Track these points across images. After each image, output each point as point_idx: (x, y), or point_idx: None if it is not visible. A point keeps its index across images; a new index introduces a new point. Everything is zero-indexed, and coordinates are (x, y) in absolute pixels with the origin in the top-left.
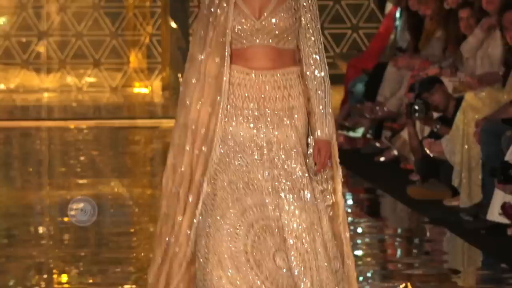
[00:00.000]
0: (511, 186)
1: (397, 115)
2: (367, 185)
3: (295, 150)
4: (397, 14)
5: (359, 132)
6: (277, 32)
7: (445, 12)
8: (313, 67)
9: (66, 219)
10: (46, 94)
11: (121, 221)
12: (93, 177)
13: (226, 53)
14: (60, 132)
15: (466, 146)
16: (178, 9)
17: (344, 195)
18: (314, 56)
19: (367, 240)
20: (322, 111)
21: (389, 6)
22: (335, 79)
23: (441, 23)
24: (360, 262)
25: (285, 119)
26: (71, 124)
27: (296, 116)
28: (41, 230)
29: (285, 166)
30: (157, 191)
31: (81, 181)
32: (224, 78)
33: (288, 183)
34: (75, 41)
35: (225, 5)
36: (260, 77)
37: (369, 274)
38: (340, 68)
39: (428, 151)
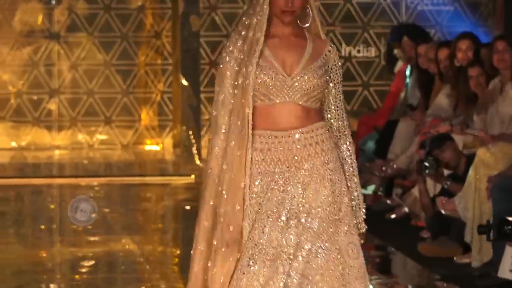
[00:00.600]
0: None
1: (408, 172)
2: (377, 242)
3: (324, 210)
4: (407, 72)
5: (370, 190)
6: (307, 90)
7: (455, 70)
8: (340, 132)
9: (77, 276)
10: (57, 152)
11: (132, 278)
12: (104, 234)
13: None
14: (71, 189)
15: (477, 202)
16: (189, 67)
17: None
18: (338, 123)
19: None
20: (355, 193)
21: (399, 64)
22: None
23: (451, 80)
24: None
25: (316, 176)
26: (82, 182)
27: (331, 170)
28: (52, 287)
29: (313, 227)
30: (168, 248)
31: (92, 238)
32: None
33: (315, 246)
34: (86, 98)
35: (252, 61)
36: (290, 137)
37: None
38: (351, 125)
39: (441, 210)
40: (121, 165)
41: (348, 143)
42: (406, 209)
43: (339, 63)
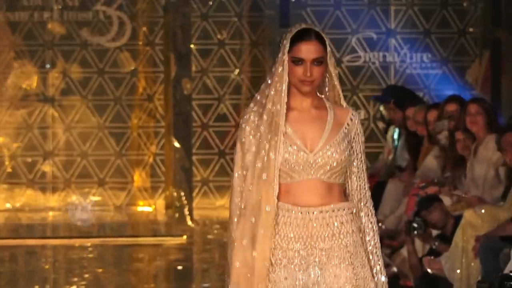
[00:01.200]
0: None
1: (396, 233)
2: None
3: None
4: (395, 135)
5: None
6: (330, 166)
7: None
8: (362, 204)
9: None
10: (51, 213)
11: None
12: None
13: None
14: (65, 250)
15: (465, 263)
16: (181, 129)
17: None
18: (359, 196)
19: None
20: (377, 267)
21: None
22: None
23: (438, 143)
24: None
25: (335, 259)
26: (76, 242)
27: (351, 253)
28: None
29: None
30: None
31: None
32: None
33: None
34: (80, 160)
35: (276, 138)
36: (308, 214)
37: None
38: None
39: (427, 269)
40: (114, 226)
41: (369, 215)
42: (395, 269)
43: (362, 131)
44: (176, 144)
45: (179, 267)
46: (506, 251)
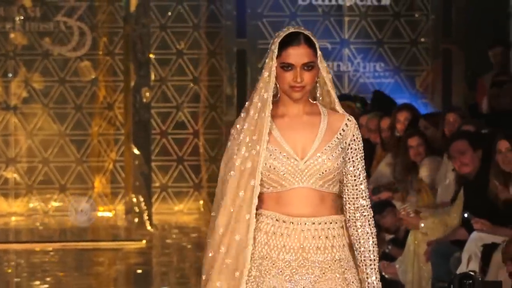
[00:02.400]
0: None
1: None
2: None
3: None
4: None
5: None
6: (322, 174)
7: (395, 140)
8: (358, 213)
9: None
10: (13, 218)
11: None
12: None
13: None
14: (27, 254)
15: (416, 266)
16: (140, 137)
17: None
18: (360, 201)
19: None
20: (370, 280)
21: None
22: None
23: (392, 149)
24: None
25: (328, 272)
26: (37, 247)
27: (345, 268)
28: None
29: None
30: None
31: None
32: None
33: None
34: (42, 167)
35: (258, 147)
36: (299, 225)
37: None
38: None
39: (383, 273)
40: (75, 230)
41: (366, 226)
42: None
43: (360, 138)
44: (136, 151)
45: (139, 271)
46: (457, 255)
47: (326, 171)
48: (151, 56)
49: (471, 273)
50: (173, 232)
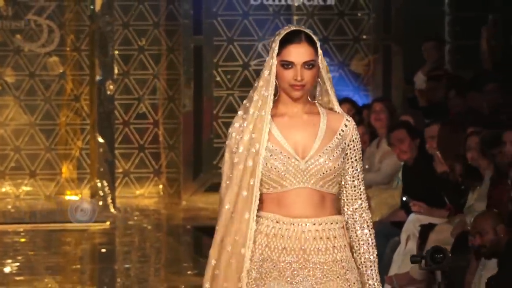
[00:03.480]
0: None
1: None
2: None
3: None
4: None
5: None
6: (323, 174)
7: None
8: (356, 214)
9: None
10: None
11: None
12: (29, 274)
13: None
14: (0, 235)
15: None
16: (104, 126)
17: None
18: (358, 202)
19: None
20: (370, 281)
21: None
22: None
23: None
24: None
25: (329, 274)
26: (9, 228)
27: (346, 269)
28: None
29: None
30: (86, 287)
31: (18, 278)
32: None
33: None
34: (13, 154)
35: (257, 145)
36: (300, 226)
37: None
38: None
39: None
40: (44, 213)
41: (365, 227)
42: None
43: (358, 139)
44: (100, 140)
45: (103, 250)
46: (397, 238)
47: (327, 171)
48: (115, 52)
49: (443, 247)
50: (135, 214)
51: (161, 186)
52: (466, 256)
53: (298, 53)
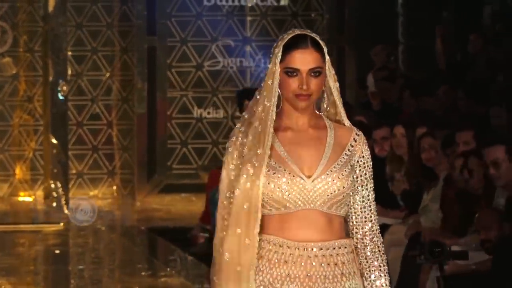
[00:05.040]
0: None
1: None
2: None
3: None
4: None
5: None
6: (330, 195)
7: None
8: (367, 238)
9: None
10: None
11: None
12: None
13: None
14: None
15: None
16: (58, 127)
17: None
18: (369, 224)
19: None
20: None
21: None
22: (198, 189)
23: None
24: None
25: None
26: None
27: None
28: None
29: None
30: (39, 287)
31: None
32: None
33: None
34: None
35: (262, 162)
36: (305, 251)
37: None
38: (202, 178)
39: None
40: None
41: (377, 252)
42: None
43: (369, 155)
44: (54, 141)
45: (57, 251)
46: None
47: (334, 192)
48: (68, 53)
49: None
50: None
51: (115, 187)
52: (420, 256)
53: (304, 59)
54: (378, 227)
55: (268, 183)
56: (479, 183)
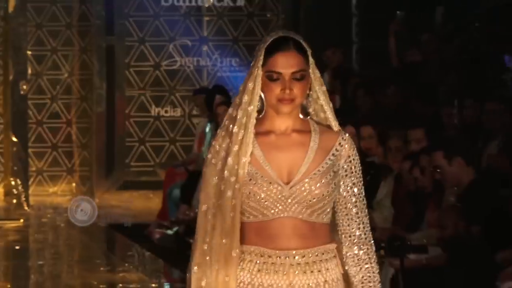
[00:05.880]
0: None
1: None
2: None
3: None
4: (207, 129)
5: (174, 230)
6: (310, 202)
7: None
8: (356, 247)
9: None
10: None
11: None
12: None
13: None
14: None
15: None
16: (18, 125)
17: None
18: (357, 233)
19: None
20: None
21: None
22: (156, 186)
23: None
24: None
25: None
26: None
27: None
28: None
29: None
30: (0, 282)
31: None
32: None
33: None
34: None
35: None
36: (287, 259)
37: None
38: (160, 175)
39: None
40: None
41: (368, 261)
42: None
43: (357, 160)
44: (14, 139)
45: (17, 247)
46: None
47: (314, 199)
48: (28, 52)
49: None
50: (48, 212)
51: (74, 184)
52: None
53: (286, 62)
54: (371, 236)
55: (244, 190)
56: (429, 181)
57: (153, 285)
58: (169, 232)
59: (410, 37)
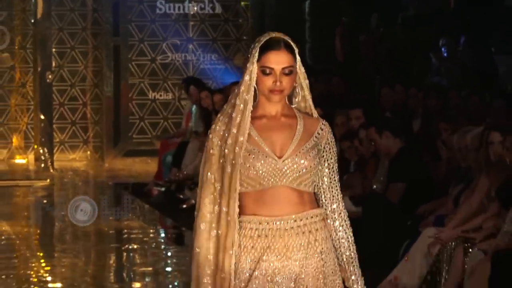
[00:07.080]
0: None
1: (194, 176)
2: (173, 224)
3: None
4: (193, 110)
5: (167, 188)
6: (299, 173)
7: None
8: (336, 214)
9: None
10: None
11: (6, 249)
12: None
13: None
14: None
15: None
16: (45, 106)
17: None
18: (333, 206)
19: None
20: (353, 277)
21: (188, 104)
22: (152, 153)
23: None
24: None
25: (308, 267)
26: None
27: (324, 261)
28: None
29: None
30: (32, 228)
31: None
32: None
33: None
34: None
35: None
36: (282, 224)
37: None
38: (156, 145)
39: None
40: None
41: (344, 226)
42: (193, 201)
43: (333, 142)
44: (42, 117)
45: (45, 201)
46: None
47: (302, 170)
48: (53, 49)
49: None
50: (68, 173)
51: (88, 152)
52: None
53: (278, 59)
54: (343, 203)
55: (245, 163)
56: (368, 150)
57: (151, 231)
58: (163, 189)
59: (351, 38)
